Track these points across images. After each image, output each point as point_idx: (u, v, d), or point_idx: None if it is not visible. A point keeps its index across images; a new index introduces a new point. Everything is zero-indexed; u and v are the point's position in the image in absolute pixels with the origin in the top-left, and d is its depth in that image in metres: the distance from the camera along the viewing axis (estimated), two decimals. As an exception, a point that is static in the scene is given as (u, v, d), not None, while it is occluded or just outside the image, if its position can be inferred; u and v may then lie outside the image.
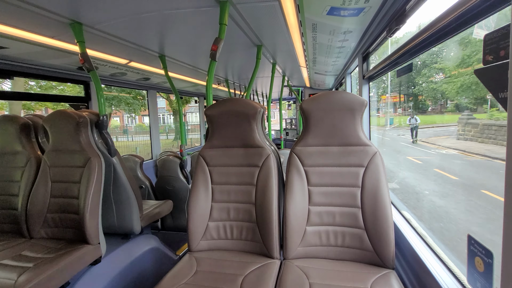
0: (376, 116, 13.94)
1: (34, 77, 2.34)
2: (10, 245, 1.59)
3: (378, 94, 13.05)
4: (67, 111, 1.66)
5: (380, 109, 14.80)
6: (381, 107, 14.65)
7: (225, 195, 1.48)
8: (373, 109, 14.92)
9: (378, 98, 13.31)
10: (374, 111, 15.20)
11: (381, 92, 13.37)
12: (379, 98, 13.44)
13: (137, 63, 2.62)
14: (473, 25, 0.85)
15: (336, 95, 1.35)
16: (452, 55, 9.38)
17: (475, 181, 5.14)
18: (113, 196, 1.86)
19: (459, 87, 8.36)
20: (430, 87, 11.26)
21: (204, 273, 1.24)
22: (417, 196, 5.08)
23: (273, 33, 2.02)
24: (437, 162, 6.80)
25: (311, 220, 1.34)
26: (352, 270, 1.21)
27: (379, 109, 14.72)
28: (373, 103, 14.06)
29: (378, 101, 13.49)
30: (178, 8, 1.47)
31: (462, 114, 6.49)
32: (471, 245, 0.76)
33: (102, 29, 1.71)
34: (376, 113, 14.64)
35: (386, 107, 14.58)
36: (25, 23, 1.51)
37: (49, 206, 1.66)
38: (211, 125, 1.53)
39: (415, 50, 1.27)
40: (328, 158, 1.36)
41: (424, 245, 1.20)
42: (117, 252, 1.75)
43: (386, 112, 14.52)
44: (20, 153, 1.81)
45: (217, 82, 4.44)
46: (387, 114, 14.41)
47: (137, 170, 2.93)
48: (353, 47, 2.41)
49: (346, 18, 1.64)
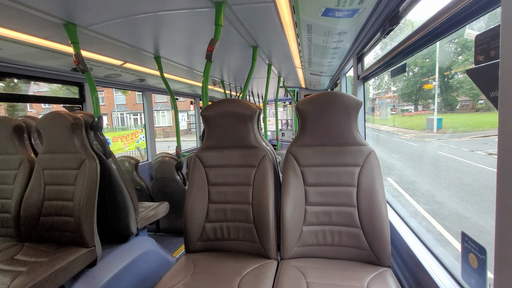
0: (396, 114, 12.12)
1: (27, 79, 2.31)
2: (3, 249, 1.56)
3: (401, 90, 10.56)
4: (61, 113, 1.65)
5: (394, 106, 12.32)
6: (396, 105, 12.08)
7: (221, 196, 1.48)
8: (380, 106, 13.47)
9: (402, 90, 10.44)
10: (378, 108, 13.56)
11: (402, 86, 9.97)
12: (404, 90, 10.24)
13: (132, 64, 2.60)
14: (464, 26, 0.87)
15: (332, 95, 1.36)
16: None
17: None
18: (109, 198, 1.84)
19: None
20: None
21: (201, 274, 1.24)
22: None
23: (268, 34, 2.03)
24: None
25: (308, 220, 1.34)
26: (349, 268, 1.21)
27: (394, 107, 12.39)
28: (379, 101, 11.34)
29: (400, 96, 11.22)
30: (173, 9, 1.47)
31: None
32: (465, 242, 0.78)
33: (96, 30, 1.70)
34: (390, 111, 12.72)
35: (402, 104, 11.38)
36: (18, 24, 1.50)
37: (43, 209, 1.63)
38: (207, 126, 1.53)
39: (409, 51, 1.29)
40: (324, 158, 1.37)
41: (419, 243, 1.21)
42: (113, 255, 1.74)
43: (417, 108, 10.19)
44: (13, 155, 1.78)
45: (213, 83, 4.44)
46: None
47: (133, 172, 2.90)
48: (347, 48, 2.43)
49: (340, 19, 1.66)
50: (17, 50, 1.84)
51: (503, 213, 0.51)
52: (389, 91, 12.78)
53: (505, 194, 0.50)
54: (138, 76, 3.08)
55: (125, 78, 3.08)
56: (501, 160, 0.51)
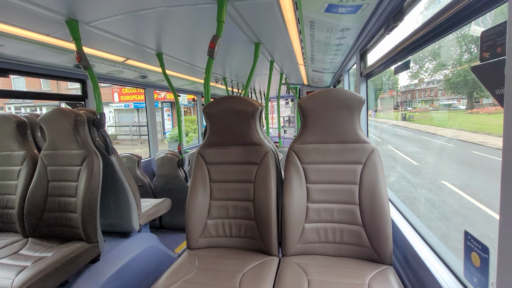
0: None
1: (30, 75, 2.31)
2: (8, 244, 1.58)
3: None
4: (64, 109, 1.65)
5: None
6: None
7: (223, 193, 1.49)
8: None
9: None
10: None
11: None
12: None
13: (134, 61, 2.60)
14: (470, 22, 0.86)
15: (334, 92, 1.35)
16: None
17: None
18: (111, 194, 1.85)
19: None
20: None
21: (203, 271, 1.25)
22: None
23: (271, 30, 2.01)
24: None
25: (310, 217, 1.34)
26: (350, 266, 1.22)
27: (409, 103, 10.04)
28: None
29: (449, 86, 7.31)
30: (175, 4, 1.46)
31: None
32: (467, 240, 0.77)
33: (98, 27, 1.69)
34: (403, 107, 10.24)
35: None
36: (20, 20, 1.50)
37: (47, 205, 1.65)
38: (209, 123, 1.53)
39: (413, 47, 1.27)
40: (326, 156, 1.36)
41: (421, 241, 1.21)
42: (115, 251, 1.75)
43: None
44: (17, 152, 1.80)
45: (215, 80, 4.43)
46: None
47: (135, 168, 2.92)
48: (350, 45, 2.41)
49: (343, 15, 1.64)
50: (20, 46, 1.84)
51: (507, 213, 0.50)
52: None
53: (509, 193, 0.50)
54: (140, 72, 3.07)
55: (127, 74, 3.08)
56: (506, 159, 0.50)
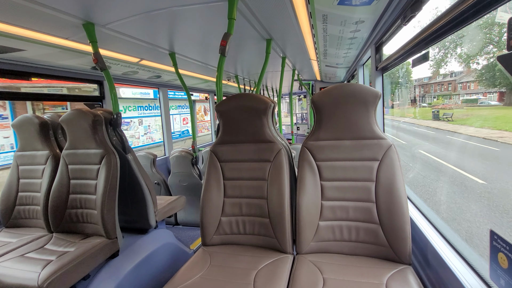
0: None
1: (50, 78, 2.41)
2: (34, 239, 1.67)
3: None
4: (83, 110, 1.71)
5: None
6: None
7: (237, 190, 1.49)
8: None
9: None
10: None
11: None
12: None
13: (148, 61, 2.65)
14: (496, 8, 0.80)
15: (348, 87, 1.32)
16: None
17: None
18: (129, 192, 1.91)
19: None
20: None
21: (218, 267, 1.26)
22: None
23: (282, 26, 1.98)
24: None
25: (324, 215, 1.32)
26: (366, 265, 1.19)
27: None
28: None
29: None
30: (187, 4, 1.47)
31: None
32: (494, 240, 0.73)
33: (113, 28, 1.74)
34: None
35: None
36: (40, 25, 1.56)
37: (69, 202, 1.72)
38: (221, 121, 1.54)
39: (431, 38, 1.21)
40: (340, 152, 1.33)
41: (443, 240, 1.16)
42: (133, 246, 1.81)
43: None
44: (40, 151, 1.88)
45: (227, 78, 4.44)
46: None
47: (151, 166, 2.99)
48: (365, 38, 2.33)
49: (358, 8, 1.59)
50: (40, 50, 1.93)
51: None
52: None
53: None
54: (154, 72, 3.13)
55: (141, 75, 3.15)
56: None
